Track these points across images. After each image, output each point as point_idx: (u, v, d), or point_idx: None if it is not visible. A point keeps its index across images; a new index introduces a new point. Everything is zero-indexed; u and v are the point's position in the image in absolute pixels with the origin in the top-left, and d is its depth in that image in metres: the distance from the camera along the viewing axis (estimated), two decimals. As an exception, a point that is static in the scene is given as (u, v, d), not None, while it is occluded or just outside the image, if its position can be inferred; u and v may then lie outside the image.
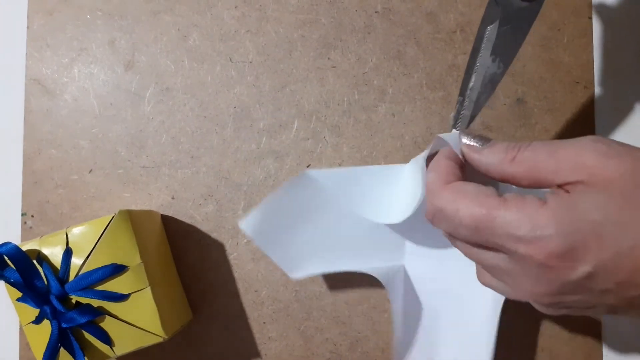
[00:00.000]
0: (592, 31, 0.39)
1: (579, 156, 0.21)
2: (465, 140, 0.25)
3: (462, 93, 0.29)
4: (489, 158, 0.24)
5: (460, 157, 0.26)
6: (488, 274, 0.25)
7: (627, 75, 0.39)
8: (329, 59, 0.39)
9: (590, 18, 0.39)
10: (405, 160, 0.38)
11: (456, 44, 0.39)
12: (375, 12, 0.39)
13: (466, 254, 0.24)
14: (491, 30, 0.27)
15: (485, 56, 0.28)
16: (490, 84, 0.28)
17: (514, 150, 0.23)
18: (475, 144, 0.25)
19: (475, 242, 0.22)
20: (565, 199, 0.20)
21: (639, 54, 0.39)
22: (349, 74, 0.39)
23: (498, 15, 0.27)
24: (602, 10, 0.40)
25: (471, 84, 0.28)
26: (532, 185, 0.23)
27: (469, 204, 0.22)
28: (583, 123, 0.39)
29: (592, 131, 0.39)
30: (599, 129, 0.39)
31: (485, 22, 0.28)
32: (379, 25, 0.39)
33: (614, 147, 0.21)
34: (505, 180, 0.24)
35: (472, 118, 0.29)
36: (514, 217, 0.20)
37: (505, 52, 0.28)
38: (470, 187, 0.23)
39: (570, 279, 0.20)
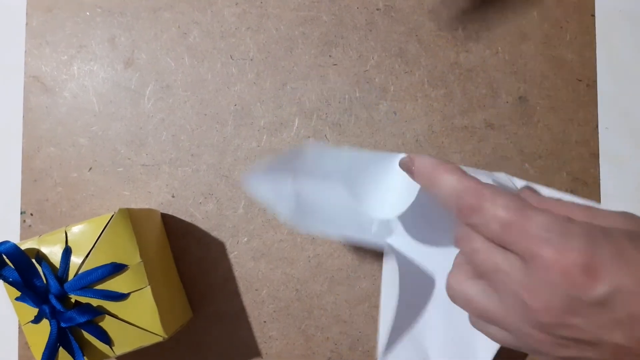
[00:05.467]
0: (595, 29, 0.39)
1: None
2: None
3: None
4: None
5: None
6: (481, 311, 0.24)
7: (630, 73, 0.39)
8: (330, 56, 0.39)
9: (594, 15, 0.39)
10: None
11: (458, 41, 0.39)
12: (377, 9, 0.39)
13: (478, 257, 0.23)
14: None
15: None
16: None
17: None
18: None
19: (500, 239, 0.22)
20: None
21: (642, 51, 0.39)
22: (350, 72, 0.39)
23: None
24: (605, 7, 0.39)
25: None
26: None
27: (507, 200, 0.22)
28: (586, 121, 0.39)
29: (594, 129, 0.39)
30: (602, 127, 0.39)
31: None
32: (380, 23, 0.39)
33: None
34: None
35: None
36: (549, 220, 0.21)
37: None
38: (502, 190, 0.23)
39: (585, 296, 0.19)
